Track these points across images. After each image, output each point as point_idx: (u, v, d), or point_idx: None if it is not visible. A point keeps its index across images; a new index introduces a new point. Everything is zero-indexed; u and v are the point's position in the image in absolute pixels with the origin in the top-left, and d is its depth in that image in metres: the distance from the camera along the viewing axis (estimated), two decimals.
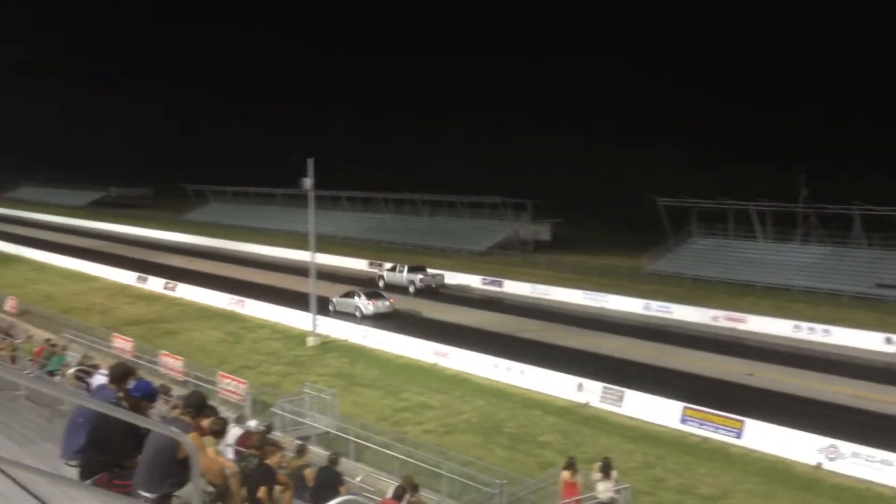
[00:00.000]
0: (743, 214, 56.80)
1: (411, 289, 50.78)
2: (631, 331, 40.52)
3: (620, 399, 27.71)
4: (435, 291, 51.36)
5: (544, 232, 73.00)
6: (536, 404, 28.69)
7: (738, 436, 24.28)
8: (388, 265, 54.84)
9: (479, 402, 29.08)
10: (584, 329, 40.51)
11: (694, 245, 59.60)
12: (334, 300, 43.88)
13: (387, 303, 43.60)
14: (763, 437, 23.86)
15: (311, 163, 38.61)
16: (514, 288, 51.72)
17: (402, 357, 35.13)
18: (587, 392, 28.67)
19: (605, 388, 28.43)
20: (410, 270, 51.96)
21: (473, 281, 53.88)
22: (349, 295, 44.16)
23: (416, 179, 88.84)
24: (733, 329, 40.73)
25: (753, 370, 32.45)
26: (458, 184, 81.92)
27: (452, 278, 54.43)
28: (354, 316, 42.32)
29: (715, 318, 42.06)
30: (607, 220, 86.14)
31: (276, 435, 16.30)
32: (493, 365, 32.11)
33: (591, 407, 28.09)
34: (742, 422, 24.48)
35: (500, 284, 52.58)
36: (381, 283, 51.70)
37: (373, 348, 36.61)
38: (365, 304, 43.07)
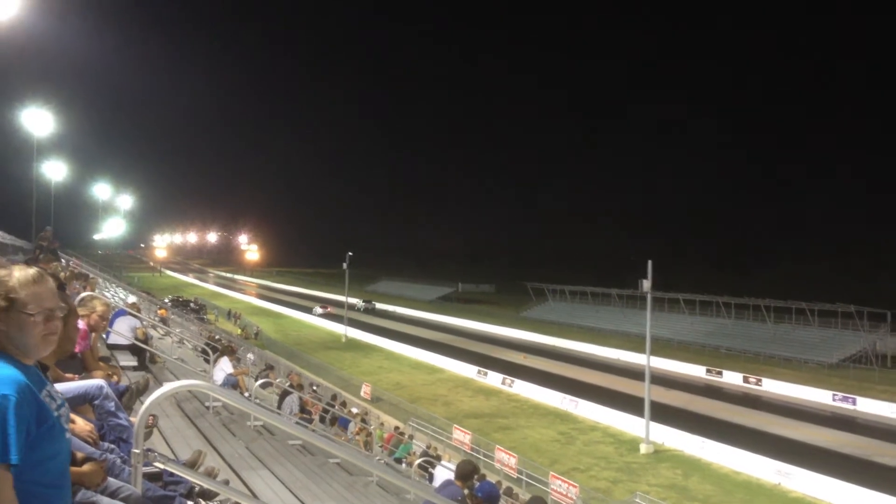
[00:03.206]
0: None
1: (362, 309, 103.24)
2: None
3: None
4: (372, 310, 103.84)
5: None
6: None
7: None
8: (357, 300, 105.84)
9: None
10: None
11: None
12: (314, 310, 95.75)
13: (326, 309, 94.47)
14: None
15: (650, 264, 38.73)
16: (870, 406, 46.85)
17: (740, 473, 33.25)
18: None
19: None
20: (364, 301, 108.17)
21: (823, 396, 49.73)
22: (316, 307, 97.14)
23: (759, 284, 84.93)
24: None
25: None
26: (805, 290, 76.98)
27: (797, 391, 50.99)
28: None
29: None
30: None
31: None
32: (843, 490, 29.39)
33: None
34: None
35: (853, 402, 47.99)
36: (356, 308, 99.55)
37: (709, 461, 35.01)
38: (317, 311, 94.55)
